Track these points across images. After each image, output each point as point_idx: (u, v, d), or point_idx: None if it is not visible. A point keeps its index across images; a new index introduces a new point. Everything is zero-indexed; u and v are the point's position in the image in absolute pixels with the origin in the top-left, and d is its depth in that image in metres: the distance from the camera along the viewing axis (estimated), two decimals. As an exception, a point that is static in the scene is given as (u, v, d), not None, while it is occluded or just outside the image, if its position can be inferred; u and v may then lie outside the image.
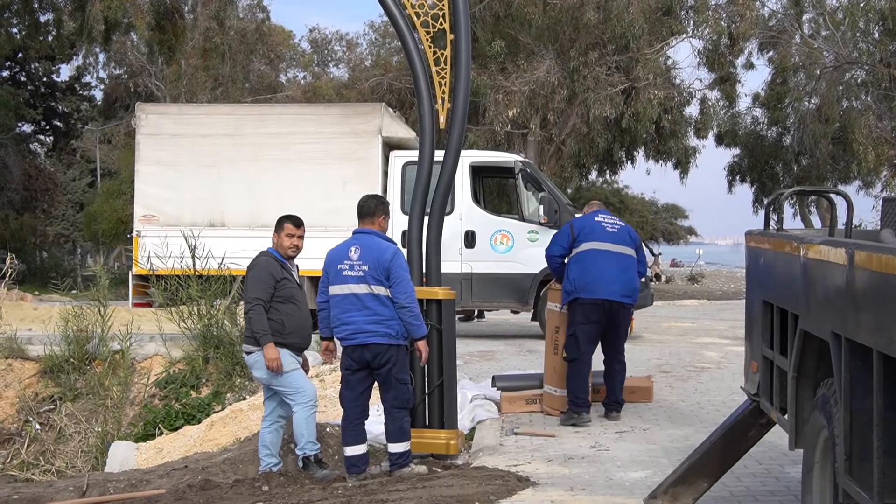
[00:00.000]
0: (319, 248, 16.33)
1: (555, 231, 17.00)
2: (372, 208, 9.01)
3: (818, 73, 35.80)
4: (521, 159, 18.50)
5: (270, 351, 8.87)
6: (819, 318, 5.21)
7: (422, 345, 8.70)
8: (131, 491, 9.62)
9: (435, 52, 9.68)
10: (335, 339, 8.95)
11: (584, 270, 10.58)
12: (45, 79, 58.20)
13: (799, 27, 37.02)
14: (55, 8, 41.12)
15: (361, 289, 8.51)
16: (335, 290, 8.67)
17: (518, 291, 17.47)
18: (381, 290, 8.50)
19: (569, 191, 36.70)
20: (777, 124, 39.53)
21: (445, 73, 9.69)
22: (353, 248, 8.68)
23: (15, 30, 43.51)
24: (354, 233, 8.93)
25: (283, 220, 9.34)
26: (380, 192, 17.69)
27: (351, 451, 8.73)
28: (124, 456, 12.54)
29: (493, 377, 11.66)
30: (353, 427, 8.77)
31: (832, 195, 7.14)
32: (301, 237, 9.34)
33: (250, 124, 18.66)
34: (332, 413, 11.59)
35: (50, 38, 44.48)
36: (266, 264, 9.07)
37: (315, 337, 9.49)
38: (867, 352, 4.45)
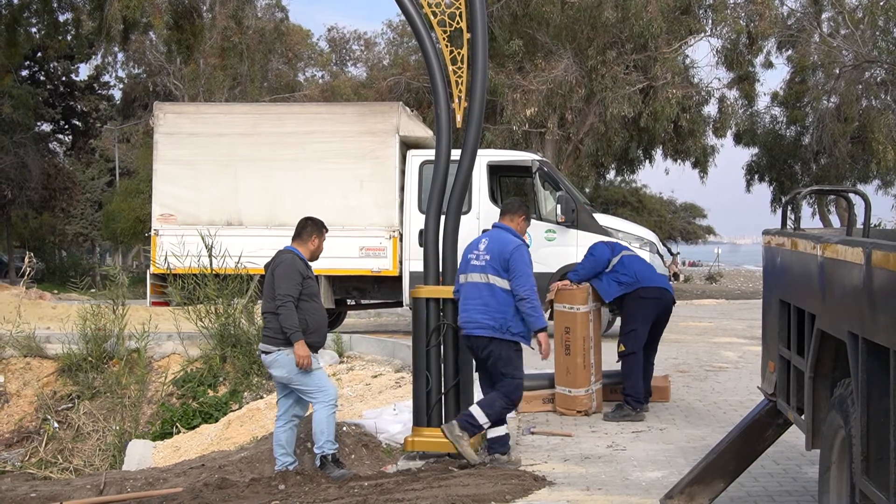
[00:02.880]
0: (336, 247, 16.48)
1: (572, 230, 17.08)
2: (515, 207, 9.28)
3: (837, 71, 35.68)
4: (539, 158, 18.46)
5: (303, 348, 8.90)
6: (836, 317, 5.18)
7: (542, 336, 8.69)
8: (148, 489, 9.64)
9: (452, 52, 9.66)
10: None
11: (644, 266, 11.15)
12: (63, 78, 58.49)
13: (818, 26, 36.89)
14: (74, 7, 41.32)
15: (480, 278, 8.74)
16: (462, 278, 8.97)
17: (535, 291, 17.43)
18: (497, 281, 8.66)
19: (586, 190, 36.69)
20: (796, 123, 39.38)
21: (462, 72, 9.66)
22: (483, 240, 8.97)
23: (34, 29, 43.72)
24: (493, 226, 9.20)
25: (322, 226, 9.43)
26: (396, 192, 17.70)
27: (493, 432, 8.81)
28: (142, 454, 12.59)
29: None
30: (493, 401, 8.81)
31: (850, 194, 7.10)
32: None
33: (268, 123, 18.65)
34: (348, 412, 11.61)
35: (69, 38, 44.70)
36: (293, 261, 9.11)
37: (331, 336, 9.52)
38: (884, 352, 4.42)
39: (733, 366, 14.32)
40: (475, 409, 8.66)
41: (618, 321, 13.22)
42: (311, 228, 9.40)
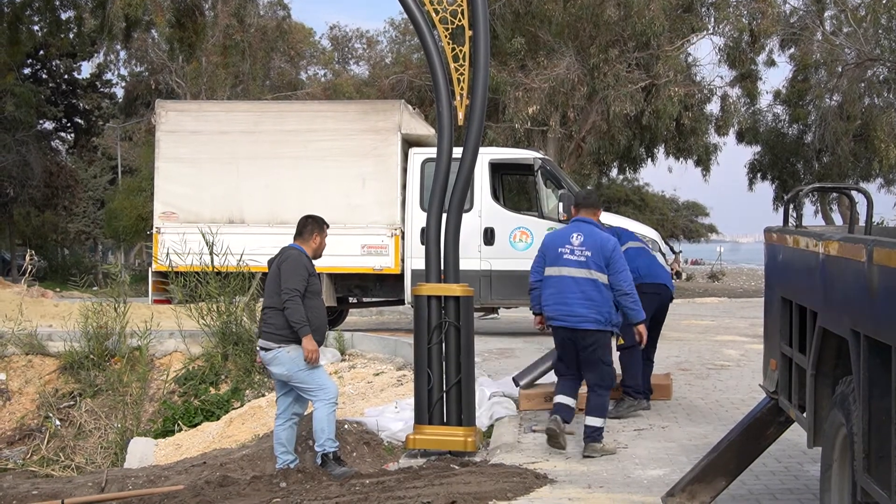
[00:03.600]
0: (338, 245, 16.47)
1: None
2: (594, 201, 9.56)
3: (840, 70, 35.65)
4: (541, 156, 18.46)
5: (311, 342, 8.92)
6: (838, 315, 5.17)
7: (641, 328, 9.12)
8: (150, 487, 9.65)
9: (454, 49, 9.66)
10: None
11: (652, 260, 11.25)
12: (66, 76, 58.55)
13: (820, 24, 36.85)
14: (76, 5, 41.36)
15: (581, 273, 8.94)
16: (552, 271, 9.12)
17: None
18: (600, 277, 8.91)
19: (588, 188, 36.66)
20: (798, 121, 39.35)
21: (464, 70, 9.66)
22: (574, 235, 9.12)
23: (36, 27, 43.76)
24: (574, 220, 9.39)
25: (323, 223, 9.44)
26: (398, 190, 17.70)
27: (561, 399, 9.09)
28: (143, 452, 12.60)
29: (514, 379, 11.53)
30: (567, 381, 9.19)
31: (852, 192, 7.09)
32: None
33: (270, 121, 18.63)
34: (350, 410, 11.62)
35: (71, 36, 44.71)
36: (299, 257, 9.12)
37: (333, 334, 9.52)
38: (886, 349, 4.42)
39: (735, 364, 14.30)
40: (591, 421, 8.96)
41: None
42: (311, 226, 9.40)
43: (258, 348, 9.45)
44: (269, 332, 9.09)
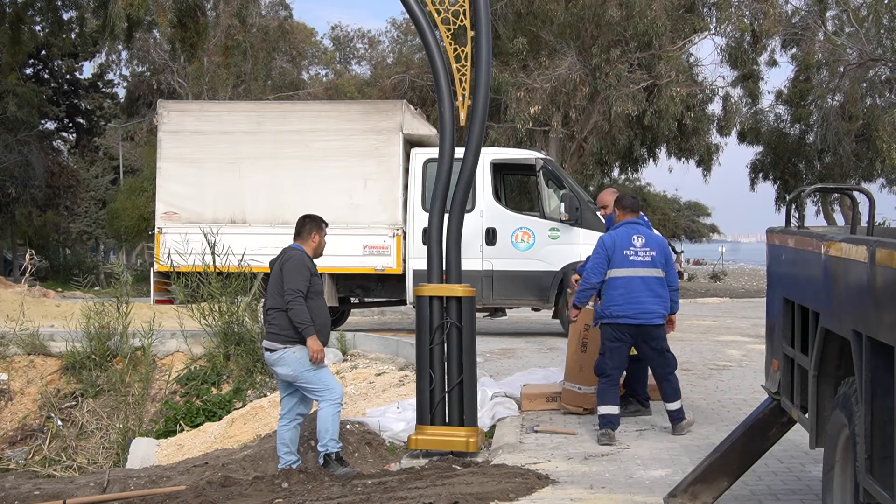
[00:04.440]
0: (340, 245, 16.46)
1: (576, 228, 17.11)
2: (640, 204, 10.47)
3: (842, 70, 35.63)
4: (543, 156, 18.46)
5: (316, 342, 8.91)
6: (840, 316, 5.17)
7: (675, 317, 10.11)
8: (152, 487, 9.66)
9: (455, 50, 9.66)
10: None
11: None
12: (68, 76, 58.58)
13: (822, 24, 36.82)
14: (78, 5, 41.38)
15: (649, 272, 9.71)
16: (619, 272, 9.71)
17: (539, 289, 17.46)
18: (661, 273, 9.77)
19: (590, 188, 36.63)
20: (800, 121, 39.34)
21: (466, 71, 9.67)
22: (635, 237, 9.79)
23: (38, 27, 43.75)
24: (626, 223, 9.97)
25: (321, 221, 9.45)
26: (400, 190, 17.70)
27: (609, 409, 9.59)
28: (145, 452, 12.60)
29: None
30: (611, 388, 9.72)
31: (854, 192, 7.09)
32: None
33: (272, 121, 18.63)
34: (352, 411, 11.62)
35: (73, 36, 44.72)
36: (301, 257, 9.11)
37: (335, 334, 9.52)
38: (888, 350, 4.41)
39: (737, 364, 14.30)
40: (673, 405, 9.75)
41: None
42: (310, 225, 9.39)
43: (263, 349, 9.44)
44: (274, 333, 9.08)
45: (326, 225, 9.54)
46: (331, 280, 17.57)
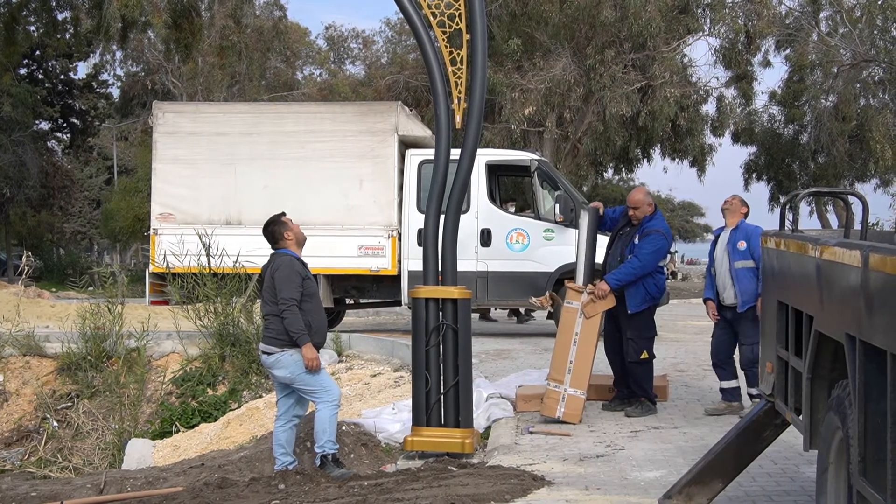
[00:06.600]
0: (335, 246, 16.49)
1: (570, 229, 17.13)
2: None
3: (835, 70, 35.74)
4: (537, 158, 18.48)
5: (311, 350, 8.91)
6: (834, 319, 5.20)
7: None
8: (148, 488, 9.66)
9: (451, 52, 9.68)
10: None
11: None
12: (62, 76, 58.50)
13: (816, 25, 36.93)
14: (72, 6, 41.25)
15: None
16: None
17: (534, 290, 17.41)
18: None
19: (585, 189, 36.69)
20: (794, 122, 39.45)
21: (461, 73, 9.68)
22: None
23: (33, 27, 43.68)
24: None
25: (280, 216, 9.43)
26: (395, 191, 17.73)
27: (727, 384, 10.71)
28: (141, 453, 12.61)
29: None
30: (726, 365, 10.76)
31: (848, 196, 7.12)
32: None
33: (267, 123, 18.64)
34: (347, 412, 11.63)
35: (67, 36, 44.64)
36: (291, 264, 9.08)
37: (330, 335, 9.52)
38: (881, 354, 4.45)
39: (731, 365, 14.31)
40: (753, 391, 10.49)
41: None
42: (277, 228, 9.33)
43: (260, 352, 9.45)
44: (271, 337, 9.08)
45: (285, 215, 9.50)
46: (326, 281, 17.59)
